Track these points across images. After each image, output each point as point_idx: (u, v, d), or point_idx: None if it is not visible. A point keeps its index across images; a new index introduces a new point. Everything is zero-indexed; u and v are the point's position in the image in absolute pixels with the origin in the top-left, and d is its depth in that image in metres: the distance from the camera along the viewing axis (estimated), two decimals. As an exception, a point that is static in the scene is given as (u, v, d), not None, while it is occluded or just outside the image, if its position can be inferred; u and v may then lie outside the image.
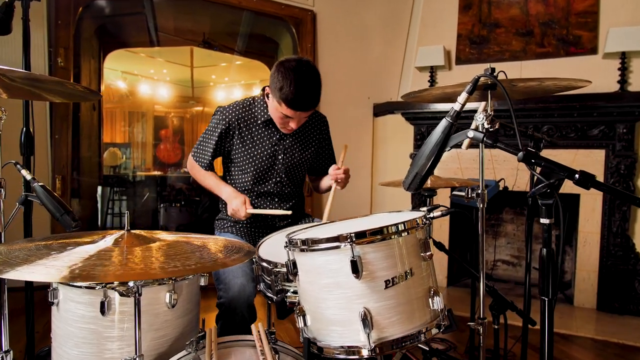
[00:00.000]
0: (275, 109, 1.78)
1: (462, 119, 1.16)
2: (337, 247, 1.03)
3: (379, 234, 1.04)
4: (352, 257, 1.00)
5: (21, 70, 1.11)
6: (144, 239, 1.04)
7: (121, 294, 0.97)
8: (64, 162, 3.40)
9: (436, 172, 3.82)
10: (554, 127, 3.43)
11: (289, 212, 1.86)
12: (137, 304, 1.01)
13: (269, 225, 2.00)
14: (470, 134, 1.03)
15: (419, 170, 1.08)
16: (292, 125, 1.81)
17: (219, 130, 1.90)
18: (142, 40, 5.31)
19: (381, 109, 4.20)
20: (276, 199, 1.99)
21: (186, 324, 1.40)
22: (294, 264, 1.13)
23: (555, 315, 1.08)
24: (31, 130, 1.93)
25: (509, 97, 1.03)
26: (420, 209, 1.36)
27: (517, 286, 3.87)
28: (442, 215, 1.36)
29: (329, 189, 1.92)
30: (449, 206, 3.73)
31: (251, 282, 1.65)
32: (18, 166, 1.50)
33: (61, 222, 1.47)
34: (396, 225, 1.05)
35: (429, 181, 2.03)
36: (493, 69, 1.25)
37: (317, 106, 1.78)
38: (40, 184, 1.49)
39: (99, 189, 5.32)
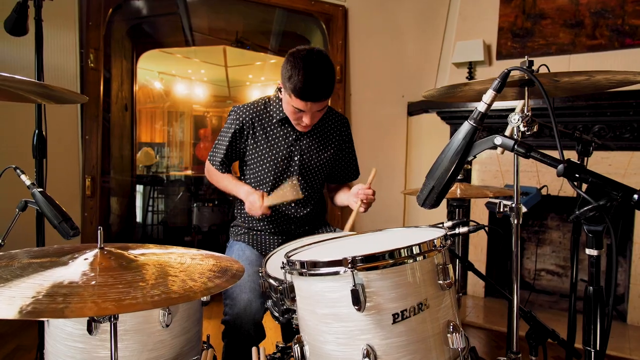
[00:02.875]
0: (287, 102, 1.68)
1: (502, 118, 0.99)
2: (336, 273, 0.88)
3: (386, 259, 0.87)
4: (353, 285, 0.85)
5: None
6: (117, 258, 0.92)
7: (93, 320, 0.86)
8: (94, 163, 3.42)
9: (472, 174, 3.57)
10: (606, 126, 3.12)
11: (301, 196, 1.75)
12: (113, 329, 0.90)
13: (285, 231, 1.89)
14: (498, 140, 0.84)
15: (435, 184, 0.90)
16: (306, 120, 1.68)
17: (233, 130, 1.83)
18: (178, 40, 5.31)
19: (416, 108, 3.99)
20: (292, 204, 1.87)
21: (184, 344, 1.29)
22: (291, 288, 0.99)
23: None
24: (44, 133, 1.89)
25: (546, 94, 0.84)
26: (444, 224, 1.19)
27: (562, 299, 3.57)
28: (470, 232, 1.18)
29: (347, 205, 1.78)
30: (486, 213, 3.46)
31: (259, 298, 1.53)
32: (18, 171, 1.44)
33: (59, 230, 1.40)
34: (409, 248, 0.89)
35: (458, 190, 1.83)
36: (531, 62, 1.07)
37: (329, 97, 1.64)
38: (39, 189, 1.43)
39: (141, 187, 5.41)
